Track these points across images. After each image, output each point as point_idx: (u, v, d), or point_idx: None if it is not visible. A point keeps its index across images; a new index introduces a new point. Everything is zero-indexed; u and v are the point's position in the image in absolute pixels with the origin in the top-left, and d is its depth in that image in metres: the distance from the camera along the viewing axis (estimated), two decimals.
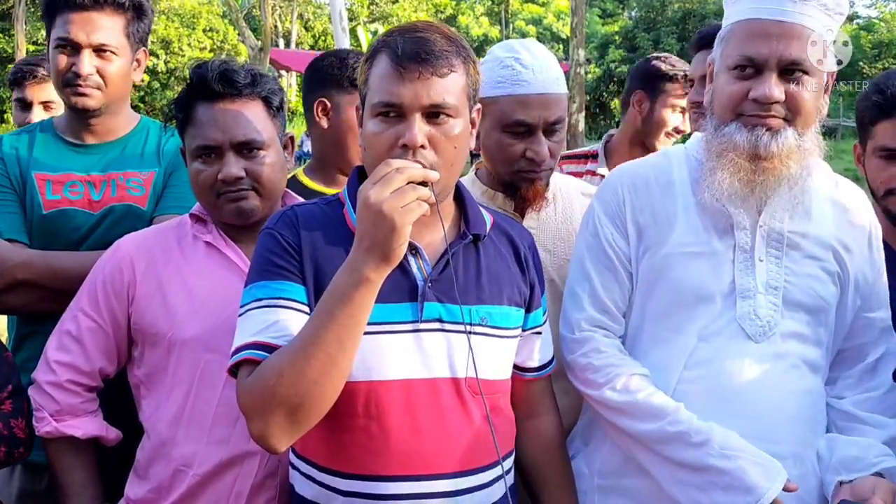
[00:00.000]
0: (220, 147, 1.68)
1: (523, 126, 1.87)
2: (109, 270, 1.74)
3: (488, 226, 1.57)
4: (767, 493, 1.46)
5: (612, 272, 1.70)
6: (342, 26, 15.26)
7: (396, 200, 1.26)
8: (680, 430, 1.54)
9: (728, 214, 1.62)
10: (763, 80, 1.51)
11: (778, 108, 1.52)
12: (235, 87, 1.68)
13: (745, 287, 1.60)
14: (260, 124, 1.71)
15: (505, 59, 1.90)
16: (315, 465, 1.46)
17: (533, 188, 1.93)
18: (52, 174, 2.07)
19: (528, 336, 1.61)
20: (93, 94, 2.04)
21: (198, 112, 1.69)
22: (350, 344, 1.31)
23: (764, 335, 1.59)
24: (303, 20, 31.81)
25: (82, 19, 2.01)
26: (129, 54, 2.10)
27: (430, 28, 1.43)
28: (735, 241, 1.62)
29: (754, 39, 1.52)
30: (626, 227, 1.69)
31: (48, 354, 1.75)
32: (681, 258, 1.63)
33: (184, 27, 29.25)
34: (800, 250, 1.63)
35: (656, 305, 1.66)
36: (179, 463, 1.66)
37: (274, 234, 1.46)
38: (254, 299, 1.41)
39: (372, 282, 1.30)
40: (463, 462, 1.44)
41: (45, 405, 1.72)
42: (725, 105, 1.57)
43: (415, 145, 1.36)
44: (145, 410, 1.74)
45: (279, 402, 1.29)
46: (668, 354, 1.63)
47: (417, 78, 1.37)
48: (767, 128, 1.52)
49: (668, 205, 1.67)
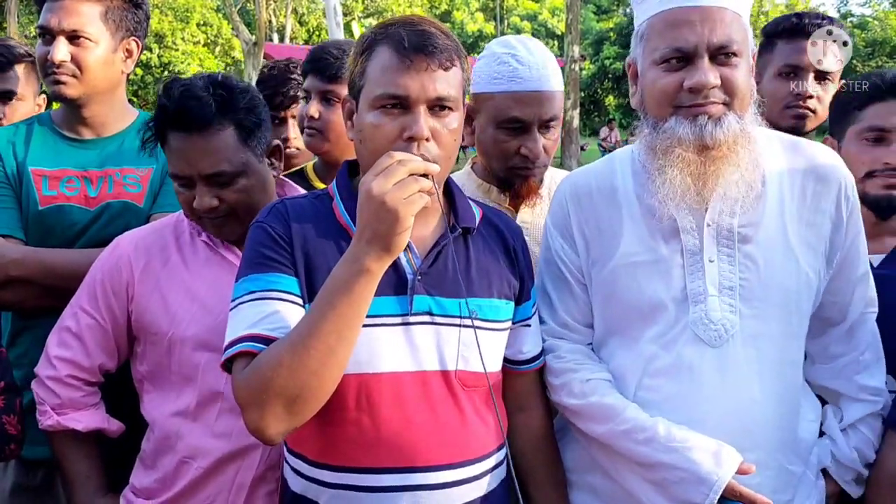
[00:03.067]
0: (191, 178, 1.65)
1: (518, 123, 1.87)
2: (108, 268, 1.75)
3: (478, 219, 1.57)
4: (719, 481, 1.43)
5: (566, 286, 1.69)
6: (337, 21, 15.23)
7: (399, 192, 1.26)
8: (627, 429, 1.53)
9: (673, 218, 1.57)
10: (696, 67, 1.46)
11: (716, 93, 1.47)
12: (200, 121, 1.62)
13: (696, 291, 1.54)
14: (230, 153, 1.65)
15: (502, 55, 1.90)
16: (305, 459, 1.46)
17: (527, 184, 1.93)
18: (49, 169, 2.06)
19: (517, 329, 1.61)
20: (69, 81, 2.02)
21: (169, 138, 1.66)
22: (350, 335, 1.32)
23: (720, 339, 1.52)
24: (297, 15, 31.70)
25: (58, 7, 2.01)
26: (109, 42, 2.06)
27: (427, 22, 1.43)
28: (682, 245, 1.57)
29: (678, 29, 1.47)
30: (575, 239, 1.67)
31: (49, 350, 1.76)
32: (629, 269, 1.59)
33: (177, 21, 29.15)
34: (755, 243, 1.54)
35: (613, 316, 1.64)
36: (184, 455, 1.68)
37: (265, 226, 1.46)
38: (246, 292, 1.40)
39: (373, 273, 1.30)
40: (454, 454, 1.45)
41: (46, 399, 1.75)
42: (660, 100, 1.51)
43: (422, 137, 1.37)
44: (149, 405, 1.76)
45: (277, 394, 1.29)
46: (628, 360, 1.61)
47: (425, 70, 1.37)
48: (709, 115, 1.47)
49: (612, 214, 1.64)
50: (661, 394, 1.55)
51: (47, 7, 2.03)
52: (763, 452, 1.51)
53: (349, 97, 1.48)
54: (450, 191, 1.57)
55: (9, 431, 1.68)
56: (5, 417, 1.68)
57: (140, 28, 2.15)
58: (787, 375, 1.57)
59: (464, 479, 1.46)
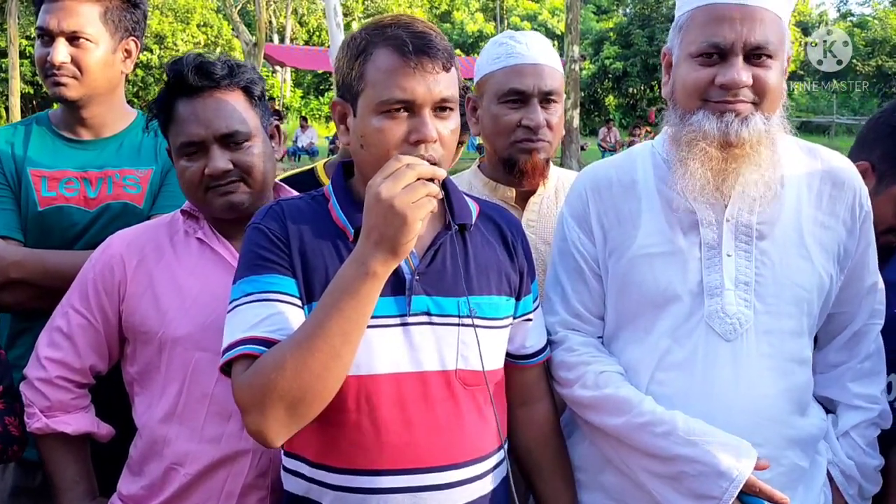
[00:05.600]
0: (204, 142, 1.64)
1: (518, 94, 1.91)
2: (100, 268, 1.72)
3: (474, 214, 1.56)
4: (739, 476, 1.44)
5: (581, 276, 1.69)
6: (337, 22, 15.21)
7: (408, 196, 1.26)
8: (644, 422, 1.53)
9: (692, 211, 1.59)
10: (730, 64, 1.48)
11: (746, 93, 1.49)
12: (213, 80, 1.65)
13: (713, 285, 1.56)
14: (243, 114, 1.68)
15: (500, 39, 1.99)
16: (306, 460, 1.45)
17: (531, 160, 1.93)
18: (48, 170, 2.05)
19: (519, 323, 1.60)
20: (69, 83, 2.01)
21: (178, 109, 1.66)
22: (355, 337, 1.31)
23: (734, 332, 1.54)
24: (297, 15, 31.72)
25: (56, 8, 2.00)
26: (109, 43, 2.06)
27: (420, 22, 1.43)
28: (700, 238, 1.58)
29: (717, 25, 1.49)
30: (592, 230, 1.68)
31: (39, 351, 1.73)
32: (646, 259, 1.60)
33: (178, 22, 29.18)
34: (771, 240, 1.56)
35: (627, 307, 1.65)
36: (171, 461, 1.65)
37: (261, 227, 1.45)
38: (243, 294, 1.39)
39: (379, 275, 1.30)
40: (455, 455, 1.44)
41: (35, 401, 1.70)
42: (691, 93, 1.53)
43: (432, 140, 1.37)
44: (138, 408, 1.72)
45: (280, 396, 1.28)
46: (640, 354, 1.62)
47: (430, 72, 1.37)
48: (736, 113, 1.49)
49: (631, 205, 1.65)
50: (673, 387, 1.56)
51: (45, 8, 2.02)
52: (773, 448, 1.52)
53: (341, 101, 1.47)
54: (444, 188, 1.56)
55: (11, 433, 1.67)
56: (7, 419, 1.68)
57: (138, 28, 2.14)
58: (797, 372, 1.58)
59: (465, 480, 1.45)
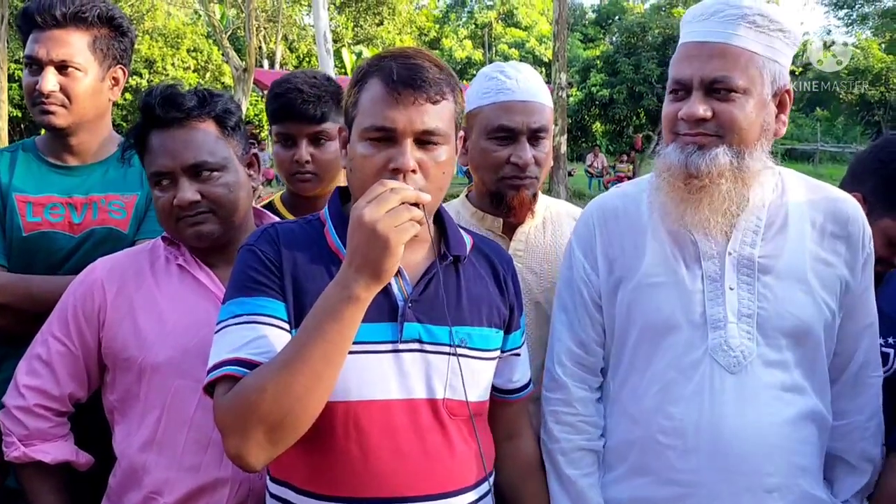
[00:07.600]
0: (173, 172, 1.66)
1: (507, 132, 1.91)
2: (80, 294, 1.72)
3: (468, 247, 1.58)
4: None
5: (585, 306, 1.73)
6: (326, 48, 15.33)
7: (391, 220, 1.27)
8: None
9: (695, 242, 1.62)
10: (690, 99, 1.55)
11: (708, 126, 1.54)
12: (182, 110, 1.66)
13: (716, 317, 1.58)
14: (213, 145, 1.68)
15: (490, 73, 1.98)
16: (292, 486, 1.44)
17: (518, 196, 1.94)
18: (33, 196, 2.05)
19: (506, 357, 1.62)
20: (58, 111, 2.03)
21: (151, 140, 1.68)
22: (337, 360, 1.31)
23: (739, 365, 1.56)
24: (287, 41, 31.87)
25: (45, 37, 2.01)
26: (97, 71, 2.08)
27: (421, 55, 1.44)
28: (703, 271, 1.61)
29: (681, 62, 1.58)
30: (597, 260, 1.71)
31: (18, 378, 1.72)
32: (648, 289, 1.63)
33: (168, 47, 29.26)
34: (774, 274, 1.59)
35: (629, 336, 1.67)
36: (150, 490, 1.63)
37: (254, 250, 1.45)
38: (231, 315, 1.39)
39: (361, 300, 1.30)
40: (443, 483, 1.44)
41: (13, 430, 1.69)
42: (666, 126, 1.63)
43: (407, 169, 1.37)
44: (118, 436, 1.71)
45: (260, 419, 1.27)
46: (644, 383, 1.63)
47: (412, 104, 1.38)
48: (698, 146, 1.54)
49: (636, 235, 1.68)
50: (683, 421, 1.57)
51: (34, 37, 2.03)
52: (784, 477, 1.55)
53: (344, 126, 1.49)
54: (441, 219, 1.58)
55: None
56: None
57: (126, 56, 2.16)
58: (802, 403, 1.59)
59: None
